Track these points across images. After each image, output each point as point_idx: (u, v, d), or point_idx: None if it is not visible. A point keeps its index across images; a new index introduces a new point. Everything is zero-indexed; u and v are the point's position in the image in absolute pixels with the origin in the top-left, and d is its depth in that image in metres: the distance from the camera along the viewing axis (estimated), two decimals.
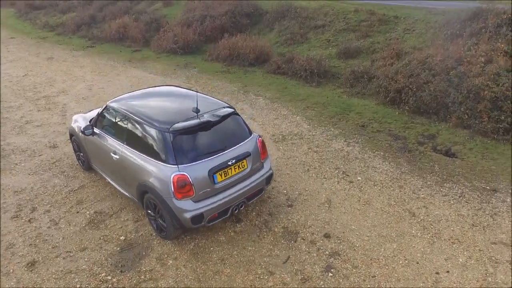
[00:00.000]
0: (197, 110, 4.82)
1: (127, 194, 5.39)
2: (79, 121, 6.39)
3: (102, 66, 13.36)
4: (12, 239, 5.02)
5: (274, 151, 7.09)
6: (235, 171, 4.81)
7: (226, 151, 4.77)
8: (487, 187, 5.83)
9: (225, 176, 4.72)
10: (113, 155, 5.26)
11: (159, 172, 4.55)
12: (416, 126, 7.91)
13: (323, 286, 4.20)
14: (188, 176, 4.43)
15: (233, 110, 5.19)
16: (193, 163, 4.52)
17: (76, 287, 4.24)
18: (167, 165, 4.50)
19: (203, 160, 4.57)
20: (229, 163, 4.72)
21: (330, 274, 4.34)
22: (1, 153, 7.26)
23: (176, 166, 4.46)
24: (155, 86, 6.42)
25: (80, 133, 6.00)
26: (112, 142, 5.34)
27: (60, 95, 10.46)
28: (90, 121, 6.05)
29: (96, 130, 5.69)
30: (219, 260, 4.60)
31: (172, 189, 4.41)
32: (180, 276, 4.38)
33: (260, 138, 5.28)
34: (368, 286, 4.18)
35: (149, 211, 4.98)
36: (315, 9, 14.36)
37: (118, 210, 5.54)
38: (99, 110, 6.23)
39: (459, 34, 9.93)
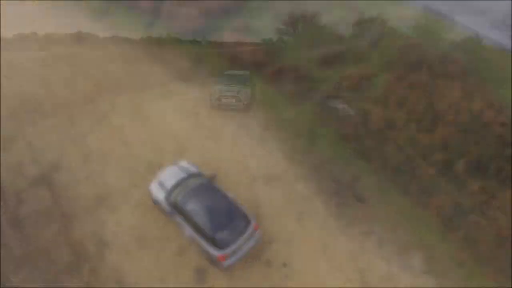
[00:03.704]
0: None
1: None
2: (157, 194, 11.93)
3: None
4: None
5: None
6: (243, 244, 10.84)
7: (240, 238, 10.71)
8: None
9: (239, 248, 10.78)
10: (185, 231, 11.19)
11: (212, 252, 10.54)
12: None
13: None
14: (224, 255, 10.51)
15: (250, 221, 10.88)
16: (227, 248, 10.50)
17: None
18: (215, 249, 10.50)
19: (231, 246, 10.55)
20: (241, 243, 10.72)
21: None
22: None
23: (219, 251, 10.50)
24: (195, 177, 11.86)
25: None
26: (184, 224, 11.16)
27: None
28: (167, 200, 11.62)
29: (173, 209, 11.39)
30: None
31: (218, 259, 10.56)
32: None
33: (255, 223, 11.08)
34: None
35: (206, 258, 11.24)
36: None
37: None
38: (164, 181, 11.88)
39: None
